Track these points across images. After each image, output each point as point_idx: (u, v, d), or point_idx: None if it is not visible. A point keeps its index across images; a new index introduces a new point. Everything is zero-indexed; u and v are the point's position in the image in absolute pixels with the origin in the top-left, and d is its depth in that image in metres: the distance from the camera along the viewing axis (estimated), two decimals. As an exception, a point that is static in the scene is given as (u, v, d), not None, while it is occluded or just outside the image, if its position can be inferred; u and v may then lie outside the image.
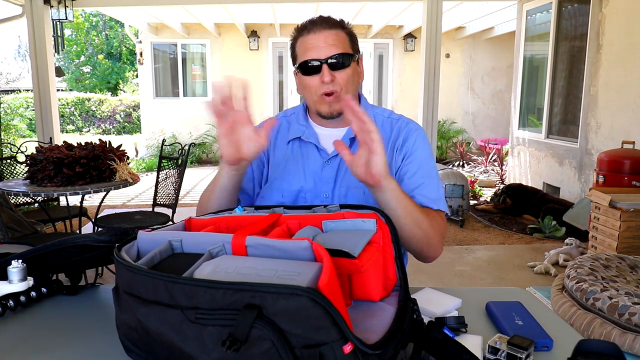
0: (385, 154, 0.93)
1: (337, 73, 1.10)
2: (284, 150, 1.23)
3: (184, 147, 3.41)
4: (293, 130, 1.23)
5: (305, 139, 1.20)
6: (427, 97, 5.13)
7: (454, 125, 9.43)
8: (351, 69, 1.13)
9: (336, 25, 1.13)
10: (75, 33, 19.44)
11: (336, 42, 1.11)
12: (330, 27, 1.12)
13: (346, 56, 1.11)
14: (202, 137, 9.35)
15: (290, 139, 1.22)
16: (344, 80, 1.12)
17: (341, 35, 1.13)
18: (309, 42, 1.11)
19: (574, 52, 5.24)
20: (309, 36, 1.12)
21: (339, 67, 1.10)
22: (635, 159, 3.64)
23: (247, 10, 7.37)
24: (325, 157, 1.18)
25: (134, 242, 0.76)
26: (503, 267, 3.54)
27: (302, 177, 1.17)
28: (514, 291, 1.01)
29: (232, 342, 0.53)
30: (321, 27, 1.11)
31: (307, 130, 1.21)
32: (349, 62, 1.12)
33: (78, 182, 2.67)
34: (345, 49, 1.12)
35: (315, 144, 1.19)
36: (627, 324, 2.02)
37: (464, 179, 4.82)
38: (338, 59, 1.10)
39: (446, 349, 0.65)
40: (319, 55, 1.10)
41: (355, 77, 1.16)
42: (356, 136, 1.03)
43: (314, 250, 0.62)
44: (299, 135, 1.21)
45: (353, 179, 1.08)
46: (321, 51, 1.10)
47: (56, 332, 0.81)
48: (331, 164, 1.17)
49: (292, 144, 1.22)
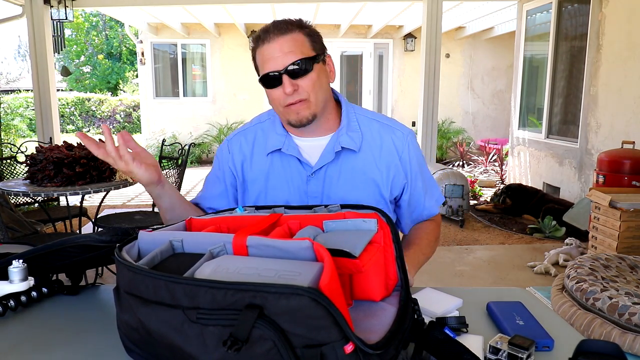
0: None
1: (300, 81, 1.03)
2: (263, 163, 1.15)
3: (184, 147, 3.41)
4: (271, 141, 1.14)
5: (286, 151, 1.12)
6: (427, 97, 5.14)
7: (454, 125, 9.43)
8: (315, 73, 1.04)
9: (291, 28, 1.04)
10: (75, 33, 19.44)
11: (293, 47, 1.02)
12: (284, 32, 1.02)
13: (307, 61, 1.02)
14: (202, 137, 9.35)
15: (270, 152, 1.14)
16: (309, 86, 1.03)
17: (299, 38, 1.03)
18: (265, 52, 1.03)
19: (574, 52, 5.24)
20: (264, 46, 1.03)
21: (301, 74, 1.02)
22: (635, 159, 3.64)
23: (247, 10, 7.37)
24: (309, 170, 1.11)
25: (135, 242, 0.76)
26: (503, 267, 3.54)
27: (286, 192, 1.13)
28: (515, 291, 1.01)
29: (233, 342, 0.53)
30: (274, 35, 1.02)
31: (287, 141, 1.13)
32: (311, 66, 1.03)
33: (78, 182, 2.67)
34: (304, 53, 1.03)
35: (297, 157, 1.12)
36: (627, 324, 2.02)
37: (464, 179, 4.82)
38: (298, 65, 1.02)
39: (447, 349, 0.65)
40: (276, 66, 1.02)
41: (323, 79, 1.07)
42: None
43: (314, 250, 0.62)
44: (279, 147, 1.12)
45: (344, 192, 1.10)
46: (278, 61, 1.01)
47: (57, 332, 0.81)
48: (316, 177, 1.11)
49: (272, 157, 1.14)
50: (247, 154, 1.18)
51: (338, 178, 1.11)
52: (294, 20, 1.06)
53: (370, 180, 1.12)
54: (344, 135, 1.11)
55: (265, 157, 1.15)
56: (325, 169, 1.11)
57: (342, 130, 1.11)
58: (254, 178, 1.16)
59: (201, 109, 9.42)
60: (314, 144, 1.13)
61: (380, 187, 1.13)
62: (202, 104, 9.46)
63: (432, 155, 5.32)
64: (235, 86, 9.34)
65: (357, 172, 1.11)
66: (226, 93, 9.42)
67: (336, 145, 1.10)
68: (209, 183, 1.25)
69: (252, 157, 1.17)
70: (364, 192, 1.11)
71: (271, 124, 1.17)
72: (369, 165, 1.12)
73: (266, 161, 1.15)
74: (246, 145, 1.18)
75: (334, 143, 1.11)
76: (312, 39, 1.06)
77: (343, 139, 1.10)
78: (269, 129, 1.17)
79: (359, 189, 1.11)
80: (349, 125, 1.13)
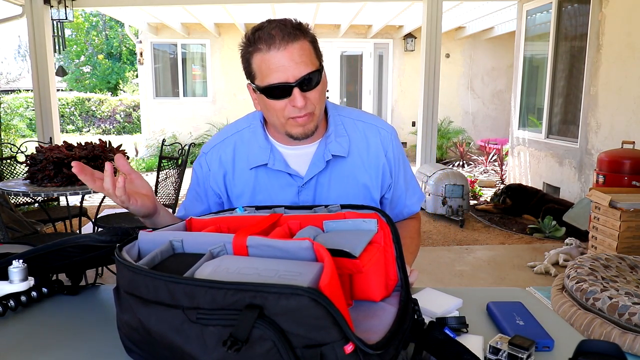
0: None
1: (309, 93, 0.97)
2: (247, 177, 1.09)
3: (184, 147, 3.41)
4: (254, 155, 1.08)
5: (273, 167, 1.06)
6: (427, 97, 5.14)
7: (454, 125, 9.43)
8: (322, 85, 1.00)
9: (298, 34, 0.96)
10: (75, 33, 19.44)
11: (303, 57, 0.95)
12: (293, 39, 0.94)
13: (316, 73, 0.97)
14: (202, 137, 9.34)
15: (254, 167, 1.08)
16: (317, 99, 0.99)
17: (305, 46, 0.96)
18: (272, 61, 0.94)
19: (574, 52, 5.24)
20: (271, 53, 0.94)
21: (312, 87, 0.97)
22: (635, 159, 3.64)
23: (247, 10, 7.37)
24: (299, 181, 1.07)
25: (135, 242, 0.76)
26: (503, 267, 3.54)
27: (276, 204, 1.09)
28: (515, 291, 1.01)
29: (233, 342, 0.53)
30: (283, 42, 0.94)
31: (272, 154, 1.06)
32: (319, 78, 0.99)
33: (78, 182, 2.67)
34: (313, 64, 0.97)
35: (286, 172, 1.06)
36: (627, 324, 2.02)
37: (464, 179, 4.82)
38: (310, 78, 0.96)
39: (447, 349, 0.65)
40: (287, 77, 0.94)
41: (324, 91, 1.03)
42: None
43: (315, 250, 0.62)
44: (264, 163, 1.06)
45: (335, 198, 1.09)
46: (289, 72, 0.94)
47: (57, 332, 0.81)
48: (307, 187, 1.07)
49: (257, 170, 1.08)
50: (229, 168, 1.11)
51: (329, 185, 1.09)
52: (296, 24, 0.98)
53: (360, 185, 1.11)
54: (333, 142, 1.07)
55: (248, 171, 1.09)
56: (316, 179, 1.08)
57: (330, 137, 1.08)
58: (239, 193, 1.11)
59: (201, 109, 9.43)
60: (301, 152, 1.09)
61: (371, 190, 1.12)
62: (202, 104, 9.46)
63: (432, 155, 5.32)
64: (235, 86, 9.34)
65: (347, 177, 1.10)
66: (226, 93, 9.42)
67: (326, 154, 1.06)
68: (191, 200, 1.19)
69: (234, 171, 1.11)
70: (355, 197, 1.10)
71: (251, 133, 1.10)
72: (358, 169, 1.10)
73: (250, 175, 1.09)
74: (226, 158, 1.11)
75: (322, 151, 1.07)
76: (314, 47, 1.00)
77: (332, 147, 1.07)
78: (249, 140, 1.10)
79: (350, 194, 1.10)
80: (337, 131, 1.09)
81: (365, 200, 1.12)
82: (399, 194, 1.19)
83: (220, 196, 1.14)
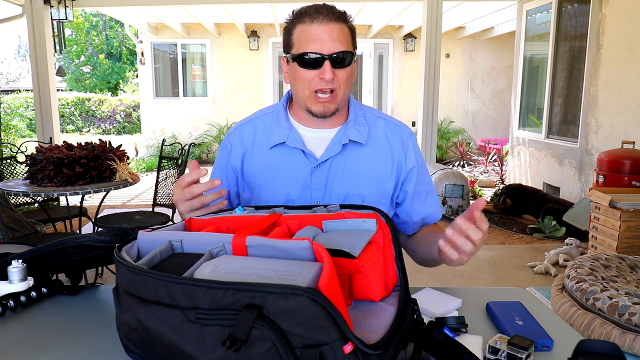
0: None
1: (338, 71, 1.03)
2: (264, 158, 1.13)
3: (184, 147, 3.41)
4: (275, 134, 1.12)
5: (290, 144, 1.10)
6: (427, 97, 5.14)
7: (454, 125, 9.43)
8: (351, 68, 1.06)
9: (341, 18, 1.05)
10: (75, 33, 19.43)
11: (341, 37, 1.03)
12: (337, 19, 1.04)
13: (348, 54, 1.04)
14: (202, 137, 9.34)
15: (273, 145, 1.12)
16: (344, 79, 1.05)
17: (345, 30, 1.05)
18: (312, 32, 1.02)
19: (574, 52, 5.24)
20: (313, 26, 1.03)
21: (341, 65, 1.03)
22: (635, 159, 3.64)
23: (247, 10, 7.37)
24: (313, 162, 1.10)
25: (134, 242, 0.76)
26: (503, 267, 3.54)
27: (288, 184, 1.11)
28: (514, 291, 1.01)
29: (232, 342, 0.53)
30: (327, 18, 1.02)
31: (291, 133, 1.11)
32: (350, 60, 1.05)
33: (78, 182, 2.67)
34: (348, 46, 1.04)
35: (301, 149, 1.10)
36: (627, 324, 2.02)
37: (464, 179, 4.82)
38: (342, 56, 1.03)
39: (446, 349, 0.65)
40: (322, 49, 1.01)
41: (352, 77, 1.09)
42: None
43: (314, 250, 0.62)
44: (282, 141, 1.11)
45: (347, 185, 1.09)
46: (325, 45, 1.01)
47: (56, 332, 0.81)
48: (321, 169, 1.10)
49: (275, 150, 1.12)
50: (249, 147, 1.16)
51: (343, 171, 1.10)
52: (342, 12, 1.07)
53: (374, 175, 1.12)
54: (352, 128, 1.11)
55: (267, 151, 1.13)
56: (330, 162, 1.10)
57: (349, 124, 1.12)
58: (254, 171, 1.14)
59: (201, 109, 9.42)
60: (320, 135, 1.12)
61: (385, 182, 1.12)
62: (202, 104, 9.46)
63: (432, 155, 5.32)
64: (235, 86, 9.34)
65: (362, 166, 1.11)
66: (226, 93, 9.42)
67: (343, 138, 1.10)
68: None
69: (253, 150, 1.15)
70: (367, 185, 1.11)
71: (274, 117, 1.16)
72: (374, 160, 1.12)
73: (268, 155, 1.13)
74: (247, 138, 1.16)
75: (341, 136, 1.10)
76: (352, 36, 1.08)
77: (351, 132, 1.10)
78: (271, 123, 1.15)
79: (363, 183, 1.11)
80: (356, 120, 1.13)
81: (377, 191, 1.12)
82: (419, 197, 1.16)
83: (235, 173, 1.17)
